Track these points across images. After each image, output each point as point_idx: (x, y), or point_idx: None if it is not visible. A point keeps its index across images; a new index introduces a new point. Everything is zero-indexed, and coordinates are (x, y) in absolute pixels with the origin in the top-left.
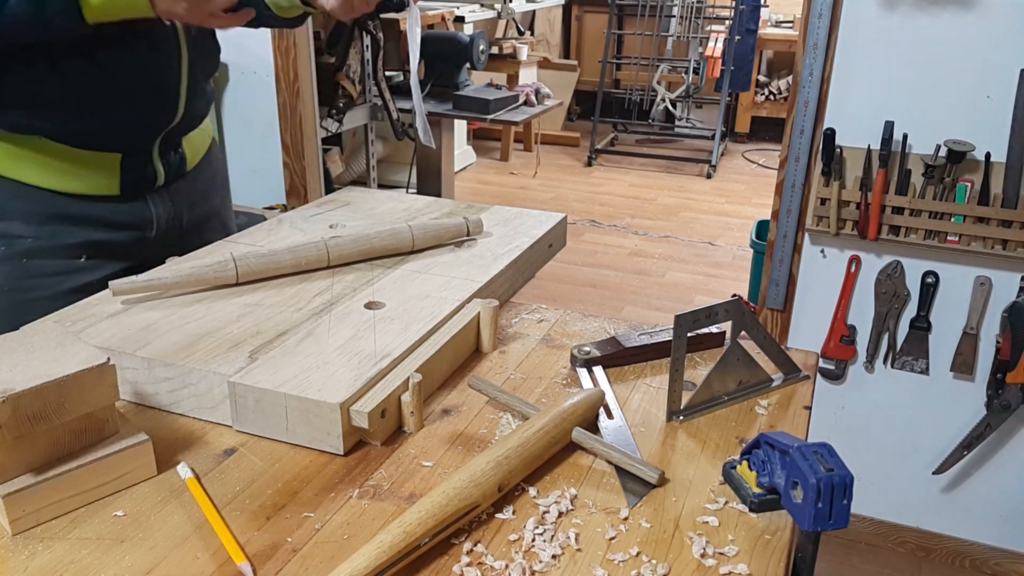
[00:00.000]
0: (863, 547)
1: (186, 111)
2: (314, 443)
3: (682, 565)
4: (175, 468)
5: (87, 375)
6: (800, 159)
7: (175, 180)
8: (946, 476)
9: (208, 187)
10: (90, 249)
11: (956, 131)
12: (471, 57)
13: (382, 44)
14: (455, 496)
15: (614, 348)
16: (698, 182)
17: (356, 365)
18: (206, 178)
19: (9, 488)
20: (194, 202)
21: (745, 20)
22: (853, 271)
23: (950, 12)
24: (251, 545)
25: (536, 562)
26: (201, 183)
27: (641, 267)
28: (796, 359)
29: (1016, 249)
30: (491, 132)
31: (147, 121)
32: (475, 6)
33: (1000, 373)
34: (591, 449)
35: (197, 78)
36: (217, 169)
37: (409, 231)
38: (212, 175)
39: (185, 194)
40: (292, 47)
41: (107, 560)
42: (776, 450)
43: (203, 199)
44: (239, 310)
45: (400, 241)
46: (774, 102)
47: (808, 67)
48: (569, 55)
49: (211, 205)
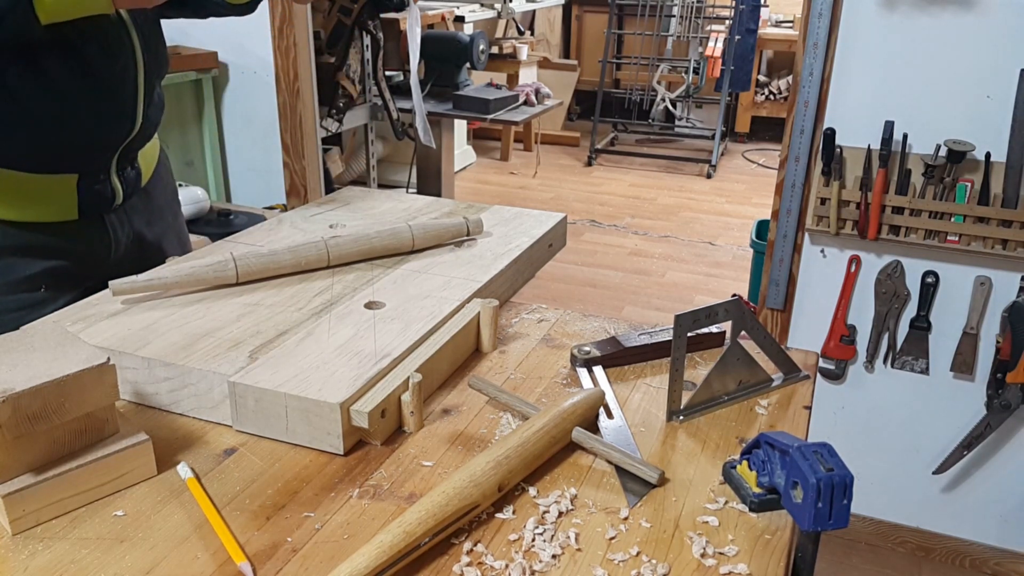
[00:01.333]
0: (863, 547)
1: (144, 120)
2: (314, 443)
3: (682, 565)
4: (175, 468)
5: (87, 375)
6: (800, 159)
7: (131, 197)
8: (946, 476)
9: (162, 201)
10: (49, 279)
11: (956, 131)
12: (471, 57)
13: (382, 44)
14: (455, 496)
15: (614, 348)
16: (698, 182)
17: (356, 365)
18: (159, 192)
19: (9, 488)
20: (151, 219)
21: (745, 20)
22: (853, 271)
23: (950, 12)
24: (251, 545)
25: (536, 562)
26: (156, 197)
27: (641, 267)
28: (796, 359)
29: (1016, 249)
30: (491, 132)
31: (106, 135)
32: (475, 6)
33: (1000, 373)
34: (591, 449)
35: (152, 83)
36: (168, 182)
37: (409, 231)
38: (164, 188)
39: (142, 211)
40: (292, 47)
41: (107, 560)
42: (776, 450)
43: (159, 215)
44: (239, 310)
45: (400, 241)
46: (774, 102)
47: (808, 67)
48: (569, 55)
49: (166, 221)
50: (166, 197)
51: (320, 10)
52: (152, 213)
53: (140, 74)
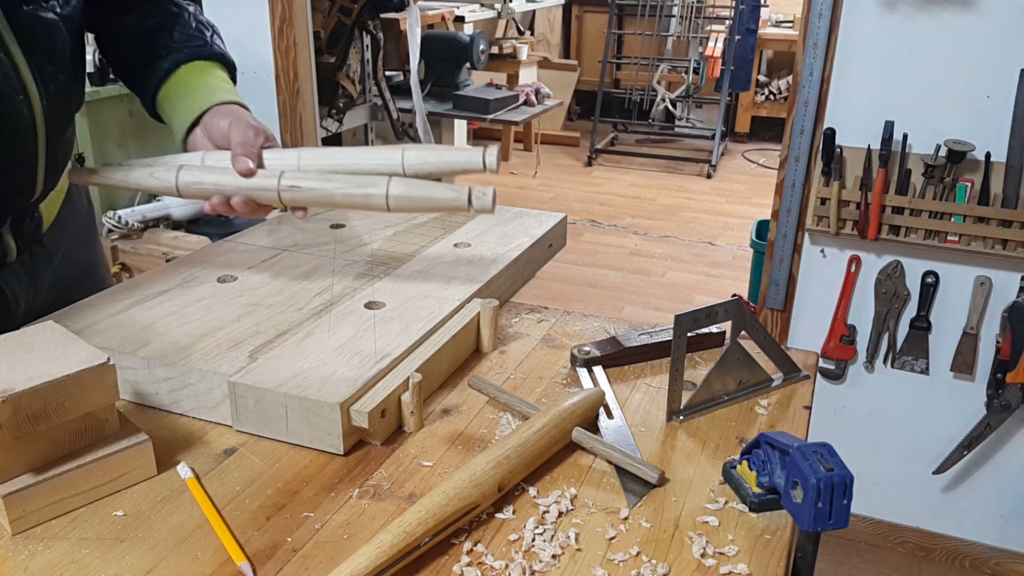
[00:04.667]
0: (863, 547)
1: (45, 183)
2: (314, 443)
3: (682, 565)
4: (175, 468)
5: (87, 375)
6: (800, 159)
7: (29, 247)
8: (946, 476)
9: (72, 242)
10: None
11: (956, 131)
12: (471, 57)
13: (382, 44)
14: (455, 496)
15: (614, 348)
16: (698, 182)
17: (356, 365)
18: (68, 232)
19: (9, 488)
20: (58, 266)
21: (745, 20)
22: (853, 271)
23: (950, 12)
24: (251, 545)
25: (536, 562)
26: (64, 240)
27: (641, 267)
28: (796, 359)
29: (1016, 249)
30: (491, 132)
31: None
32: (475, 6)
33: (1000, 373)
34: (591, 449)
35: (57, 146)
36: (81, 217)
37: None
38: (76, 226)
39: (44, 260)
40: (292, 47)
41: (107, 560)
42: (776, 450)
43: (69, 258)
44: (239, 310)
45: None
46: (774, 102)
47: (808, 67)
48: (569, 55)
49: (78, 261)
50: (79, 235)
51: (320, 10)
52: (58, 259)
53: (41, 144)
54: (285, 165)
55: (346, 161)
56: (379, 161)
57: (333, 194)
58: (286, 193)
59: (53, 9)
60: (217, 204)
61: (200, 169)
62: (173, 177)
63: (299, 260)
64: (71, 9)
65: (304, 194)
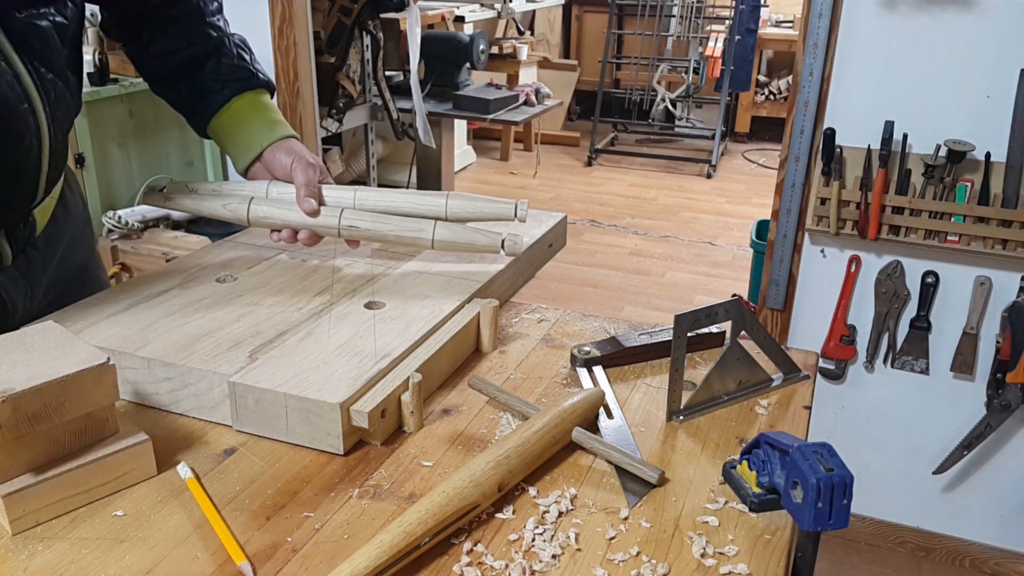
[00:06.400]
0: (863, 547)
1: (46, 189)
2: (314, 443)
3: (682, 565)
4: (175, 468)
5: (87, 375)
6: (800, 159)
7: (24, 250)
8: (946, 476)
9: (68, 243)
10: None
11: (956, 131)
12: (471, 57)
13: (382, 44)
14: (455, 496)
15: (614, 348)
16: (698, 182)
17: (356, 365)
18: (64, 234)
19: (9, 488)
20: (55, 268)
21: (745, 20)
22: (853, 271)
23: (950, 12)
24: (251, 545)
25: (536, 562)
26: (60, 241)
27: (641, 267)
28: (796, 359)
29: (1016, 249)
30: (491, 132)
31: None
32: (475, 6)
33: (1000, 373)
34: (591, 449)
35: (57, 151)
36: (76, 218)
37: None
38: (71, 227)
39: (40, 263)
40: (292, 47)
41: (107, 560)
42: (776, 450)
43: (65, 260)
44: (239, 310)
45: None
46: (774, 102)
47: (808, 67)
48: (569, 55)
49: (75, 262)
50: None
51: (320, 10)
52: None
53: (45, 151)
54: (342, 202)
55: (397, 202)
56: (427, 206)
57: (387, 235)
58: (345, 231)
59: (47, 16)
60: (286, 237)
61: (268, 204)
62: (245, 210)
63: (299, 260)
64: (65, 16)
65: (361, 233)
